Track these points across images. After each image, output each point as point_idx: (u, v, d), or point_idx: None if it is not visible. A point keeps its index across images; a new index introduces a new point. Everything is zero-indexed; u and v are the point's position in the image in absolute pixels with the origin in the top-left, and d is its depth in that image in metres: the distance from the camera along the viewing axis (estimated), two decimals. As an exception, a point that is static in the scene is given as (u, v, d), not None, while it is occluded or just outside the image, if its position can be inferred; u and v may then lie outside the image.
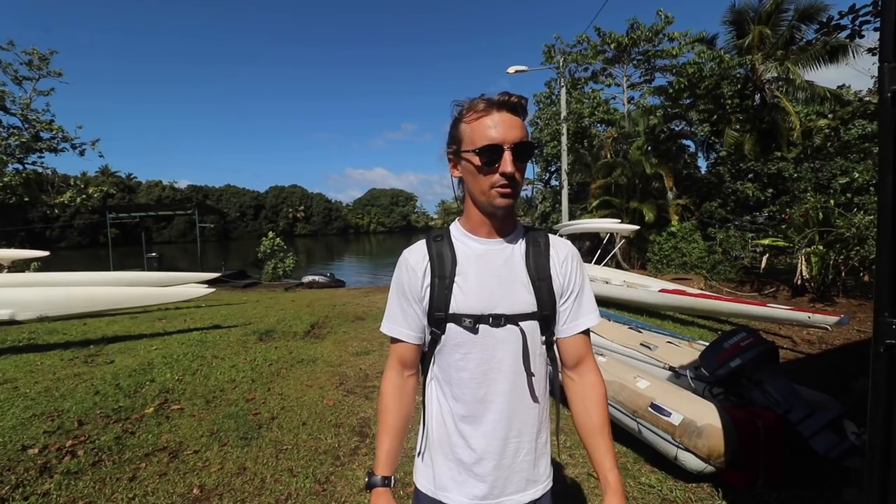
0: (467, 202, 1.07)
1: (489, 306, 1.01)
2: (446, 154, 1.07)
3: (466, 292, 1.02)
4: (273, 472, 2.82)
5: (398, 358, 1.12)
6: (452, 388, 1.07)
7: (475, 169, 0.98)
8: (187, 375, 4.66)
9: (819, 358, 4.94)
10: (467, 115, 0.99)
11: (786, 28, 12.68)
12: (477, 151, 0.96)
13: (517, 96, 0.98)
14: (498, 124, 0.96)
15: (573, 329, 1.08)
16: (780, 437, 2.50)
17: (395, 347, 1.12)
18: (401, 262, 1.09)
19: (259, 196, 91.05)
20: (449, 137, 1.05)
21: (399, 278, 1.09)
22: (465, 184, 1.05)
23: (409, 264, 1.07)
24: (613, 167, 14.31)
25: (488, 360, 1.03)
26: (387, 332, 1.11)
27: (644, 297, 7.07)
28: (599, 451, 1.07)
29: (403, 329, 1.09)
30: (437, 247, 1.06)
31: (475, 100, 1.00)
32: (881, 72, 1.00)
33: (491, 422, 1.04)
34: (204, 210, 21.09)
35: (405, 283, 1.07)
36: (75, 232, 60.03)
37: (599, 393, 1.09)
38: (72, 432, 3.35)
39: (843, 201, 8.60)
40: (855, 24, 4.76)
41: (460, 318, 1.02)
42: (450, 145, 1.05)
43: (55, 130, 17.22)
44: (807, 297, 7.92)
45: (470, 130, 0.99)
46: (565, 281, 1.07)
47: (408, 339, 1.09)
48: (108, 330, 6.86)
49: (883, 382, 1.02)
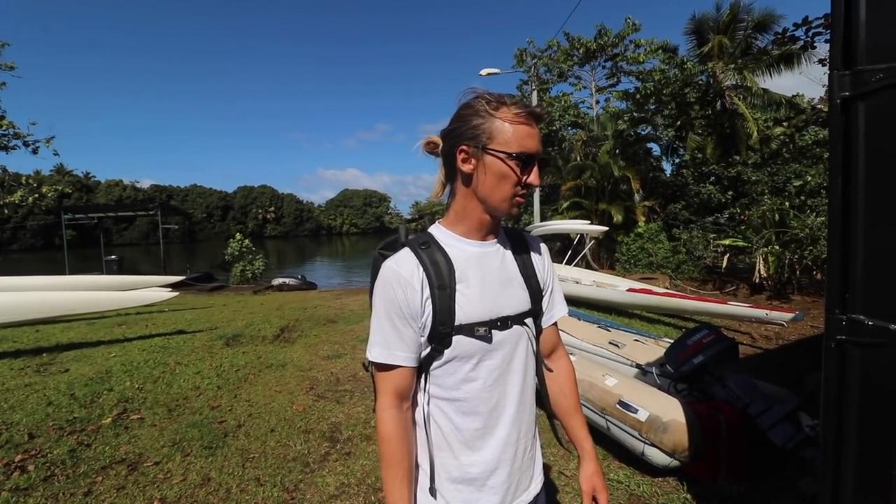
0: (464, 202, 0.99)
1: (495, 310, 0.99)
2: (457, 140, 0.95)
3: (471, 299, 0.96)
4: (239, 482, 2.73)
5: (395, 389, 0.97)
6: (461, 404, 0.99)
7: (504, 172, 0.93)
8: (148, 383, 4.47)
9: (776, 353, 5.17)
10: (501, 111, 0.93)
11: (742, 38, 13.25)
12: (514, 156, 0.92)
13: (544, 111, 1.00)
14: (534, 135, 0.95)
15: (550, 320, 1.14)
16: (740, 430, 2.59)
17: (390, 377, 0.96)
18: (389, 278, 0.94)
19: (227, 196, 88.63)
20: (468, 126, 0.94)
21: (391, 296, 0.94)
22: (474, 182, 0.96)
23: (403, 278, 0.93)
24: (583, 169, 14.61)
25: (500, 366, 1.01)
26: (383, 360, 0.95)
27: (613, 296, 7.23)
28: (577, 427, 1.16)
29: (402, 353, 0.95)
30: (427, 255, 0.96)
31: (509, 97, 0.95)
32: (831, 80, 1.05)
33: (506, 427, 1.02)
34: (167, 210, 20.37)
35: (401, 300, 0.93)
36: (28, 233, 57.06)
37: (572, 377, 1.19)
38: (21, 446, 3.16)
39: (797, 203, 9.05)
40: (808, 36, 5.01)
41: (472, 327, 0.96)
42: (469, 136, 0.94)
43: (6, 126, 16.29)
44: (765, 295, 8.27)
45: (508, 131, 0.92)
46: (545, 276, 1.12)
47: (408, 363, 0.96)
48: (63, 337, 6.51)
49: (834, 376, 1.07)
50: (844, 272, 1.04)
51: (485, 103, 0.94)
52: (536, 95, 15.63)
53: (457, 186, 0.99)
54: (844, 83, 1.02)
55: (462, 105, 0.98)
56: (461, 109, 0.97)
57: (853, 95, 1.00)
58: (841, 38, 1.03)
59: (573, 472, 2.76)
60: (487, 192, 0.95)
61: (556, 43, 15.97)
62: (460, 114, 0.97)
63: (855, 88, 1.00)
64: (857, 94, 1.00)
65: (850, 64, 1.01)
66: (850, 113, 1.02)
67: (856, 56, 1.00)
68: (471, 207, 0.98)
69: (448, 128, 0.99)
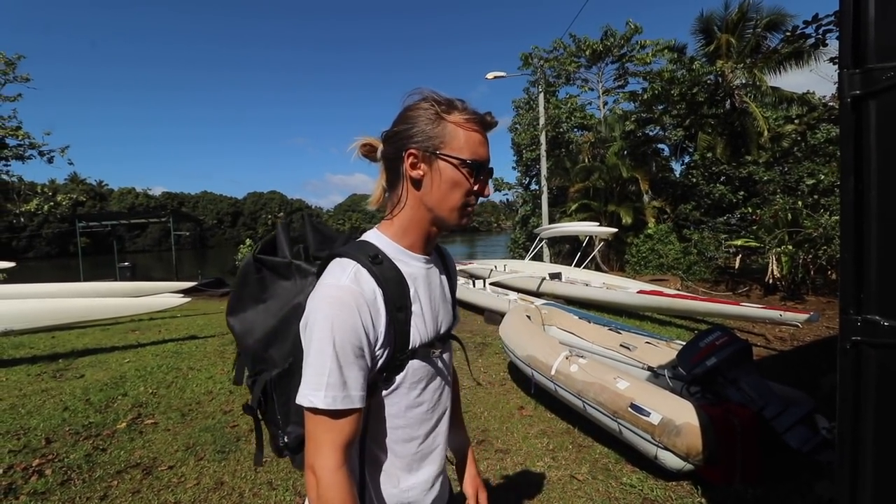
0: (411, 212, 0.89)
1: (437, 327, 0.94)
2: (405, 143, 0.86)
3: (423, 320, 0.89)
4: (252, 486, 2.75)
5: (346, 441, 0.79)
6: (404, 431, 0.91)
7: (456, 179, 0.85)
8: (161, 388, 4.52)
9: (791, 354, 5.09)
10: (453, 115, 0.86)
11: (751, 36, 13.13)
12: (468, 163, 0.85)
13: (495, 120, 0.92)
14: (485, 144, 0.89)
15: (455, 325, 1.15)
16: (755, 433, 2.55)
17: (340, 427, 0.78)
18: (347, 300, 0.77)
19: (237, 203, 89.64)
20: (417, 129, 0.85)
21: (351, 323, 0.77)
22: (423, 189, 0.87)
23: (365, 299, 0.78)
24: (591, 171, 14.55)
25: (440, 385, 0.97)
26: (337, 407, 0.77)
27: (623, 298, 7.18)
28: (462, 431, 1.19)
29: (358, 393, 0.79)
30: (381, 271, 0.82)
31: (459, 101, 0.88)
32: (841, 78, 1.04)
33: (442, 443, 1.00)
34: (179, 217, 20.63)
35: (366, 326, 0.78)
36: (43, 241, 58.03)
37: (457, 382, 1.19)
38: (39, 451, 3.22)
39: (810, 202, 8.92)
40: (818, 33, 4.96)
41: (426, 350, 0.89)
42: (419, 139, 0.85)
43: (21, 137, 16.64)
44: (778, 296, 8.16)
45: (461, 136, 0.85)
46: (453, 280, 1.09)
47: (363, 403, 0.81)
48: (78, 343, 6.61)
49: (850, 378, 1.05)
50: (858, 272, 1.03)
51: (436, 105, 0.86)
52: (543, 98, 15.62)
53: (401, 194, 0.89)
54: (854, 82, 1.01)
55: (409, 106, 0.88)
56: (408, 111, 0.88)
57: (863, 94, 0.99)
58: (850, 37, 1.02)
59: (585, 476, 2.74)
60: (437, 201, 0.87)
61: (563, 44, 15.95)
62: (407, 115, 0.87)
63: (865, 87, 0.99)
64: (868, 92, 0.99)
65: (860, 62, 1.00)
66: (860, 111, 1.01)
67: (866, 54, 0.99)
68: (418, 217, 0.89)
69: (392, 129, 0.89)
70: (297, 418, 0.91)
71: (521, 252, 16.69)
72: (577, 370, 3.14)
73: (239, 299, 1.02)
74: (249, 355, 0.99)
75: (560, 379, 3.24)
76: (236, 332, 1.01)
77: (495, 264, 10.80)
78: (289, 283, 0.98)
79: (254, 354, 0.98)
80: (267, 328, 0.96)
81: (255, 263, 1.00)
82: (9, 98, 16.44)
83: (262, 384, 0.96)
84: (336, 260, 0.84)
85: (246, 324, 0.99)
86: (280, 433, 0.96)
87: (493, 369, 4.83)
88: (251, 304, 1.00)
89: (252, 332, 0.98)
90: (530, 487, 2.66)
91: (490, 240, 67.80)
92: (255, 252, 1.02)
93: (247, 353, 1.00)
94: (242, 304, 1.01)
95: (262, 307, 0.99)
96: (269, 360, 0.96)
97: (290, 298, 0.96)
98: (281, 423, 0.96)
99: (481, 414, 3.72)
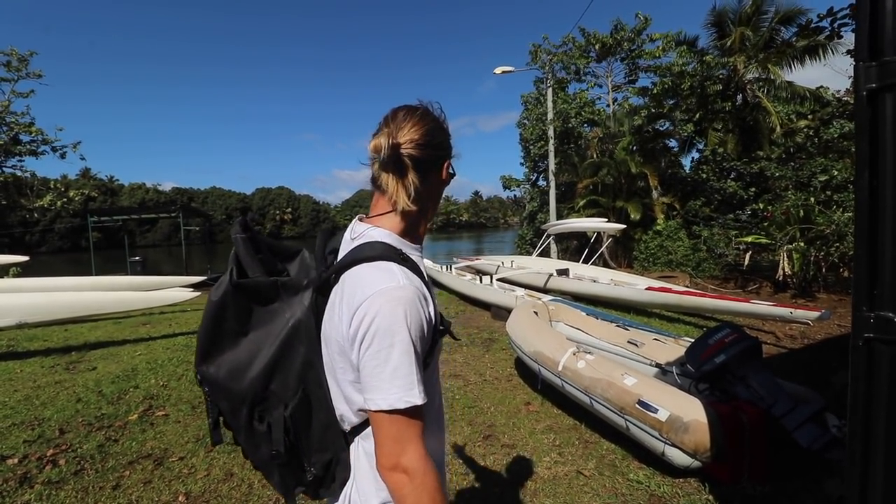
0: (420, 213, 0.97)
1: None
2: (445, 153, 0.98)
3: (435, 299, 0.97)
4: (260, 478, 2.78)
5: (423, 429, 0.82)
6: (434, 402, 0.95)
7: (445, 182, 1.01)
8: (172, 381, 4.58)
9: (801, 352, 5.04)
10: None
11: (766, 30, 12.92)
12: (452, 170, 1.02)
13: None
14: None
15: None
16: (764, 431, 2.54)
17: (420, 417, 0.81)
18: (411, 299, 0.80)
19: (245, 198, 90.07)
20: (447, 140, 0.99)
21: (418, 320, 0.81)
22: (437, 193, 1.00)
23: (422, 293, 0.84)
24: (599, 167, 14.43)
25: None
26: (424, 401, 0.80)
27: (631, 294, 7.14)
28: None
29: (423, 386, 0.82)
30: (411, 267, 0.88)
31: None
32: (856, 71, 1.02)
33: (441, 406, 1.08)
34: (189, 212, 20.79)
35: (425, 321, 0.83)
36: (56, 236, 58.77)
37: None
38: (53, 441, 3.28)
39: (822, 199, 8.79)
40: (833, 26, 4.87)
41: (447, 325, 0.95)
42: (449, 149, 1.00)
43: (35, 133, 16.86)
44: (789, 293, 8.07)
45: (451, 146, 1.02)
46: None
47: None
48: (91, 336, 6.71)
49: (862, 375, 1.04)
50: (872, 268, 1.02)
51: (444, 122, 0.99)
52: (552, 93, 15.50)
53: (424, 193, 0.94)
54: (871, 74, 0.99)
55: (439, 118, 0.98)
56: (441, 122, 0.98)
57: (880, 87, 0.98)
58: (867, 29, 1.00)
59: (591, 472, 2.74)
60: (437, 204, 1.02)
61: (572, 38, 15.81)
62: (442, 126, 0.98)
63: (882, 80, 0.97)
64: (884, 85, 0.97)
65: (877, 55, 0.98)
66: (876, 105, 0.99)
67: (882, 47, 0.97)
68: (426, 215, 0.99)
69: (429, 137, 0.92)
70: (322, 444, 0.90)
71: (529, 248, 16.64)
72: (584, 366, 3.14)
73: (214, 340, 0.91)
74: (247, 400, 0.89)
75: (567, 375, 3.23)
76: (219, 379, 0.90)
77: (502, 260, 10.78)
78: (276, 304, 0.92)
79: (253, 396, 0.89)
80: (266, 360, 0.88)
81: (237, 292, 0.90)
82: (22, 94, 16.67)
83: (280, 425, 0.88)
84: (370, 265, 0.84)
85: (233, 365, 0.89)
86: (308, 468, 0.92)
87: (499, 365, 4.84)
88: (230, 341, 0.91)
89: (244, 371, 0.89)
90: (536, 483, 2.67)
91: (497, 236, 67.66)
92: (232, 278, 0.90)
93: (241, 398, 0.89)
94: (219, 345, 0.91)
95: (250, 338, 0.90)
96: (273, 395, 0.89)
97: (284, 320, 0.90)
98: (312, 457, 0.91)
99: (488, 409, 3.73)
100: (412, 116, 0.93)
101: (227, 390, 0.90)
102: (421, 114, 0.94)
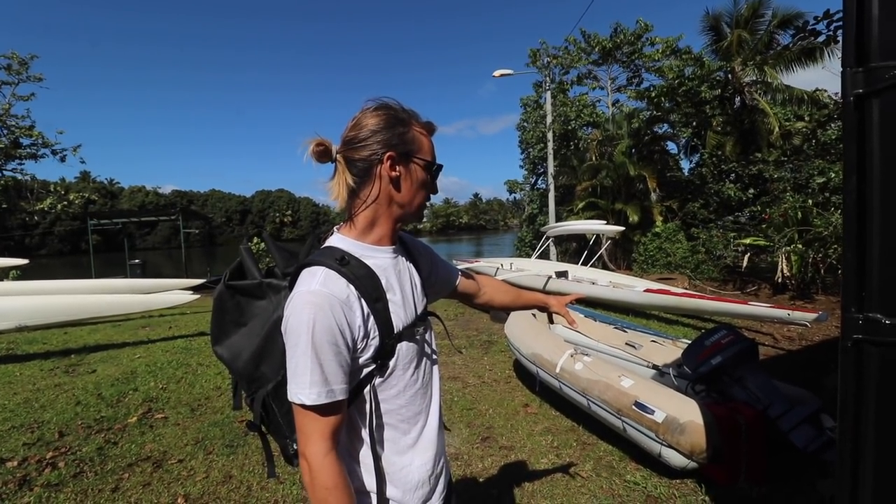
0: (377, 210, 0.96)
1: (415, 309, 1.03)
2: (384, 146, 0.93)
3: (400, 305, 0.97)
4: (260, 480, 2.79)
5: (333, 429, 0.87)
6: (406, 409, 0.99)
7: (424, 181, 0.99)
8: (171, 384, 4.59)
9: (799, 354, 5.05)
10: (414, 121, 0.98)
11: (764, 32, 12.97)
12: (432, 166, 1.00)
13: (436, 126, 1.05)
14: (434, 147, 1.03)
15: (453, 280, 1.30)
16: (760, 432, 2.55)
17: (326, 416, 0.86)
18: (321, 302, 0.84)
19: (245, 201, 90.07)
20: (393, 133, 0.94)
21: (326, 323, 0.83)
22: (395, 189, 0.96)
23: (339, 300, 0.85)
24: (598, 169, 14.48)
25: (428, 359, 1.06)
26: (324, 401, 0.84)
27: (629, 297, 7.15)
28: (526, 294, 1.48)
29: (340, 385, 0.86)
30: (350, 270, 0.90)
31: (414, 111, 1.00)
32: (844, 76, 1.04)
33: (437, 422, 1.07)
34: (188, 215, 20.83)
35: (340, 324, 0.85)
36: (56, 239, 58.70)
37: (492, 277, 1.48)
38: (52, 444, 3.29)
39: (820, 201, 8.82)
40: (830, 29, 4.90)
41: (411, 331, 0.97)
42: (395, 142, 0.94)
43: (35, 136, 16.90)
44: (787, 295, 8.08)
45: (423, 141, 0.99)
46: (422, 259, 1.16)
47: (346, 394, 0.88)
48: (90, 339, 6.72)
49: (851, 376, 1.06)
50: (860, 270, 1.03)
51: (402, 113, 0.97)
52: (551, 96, 15.56)
53: (368, 193, 0.95)
54: (858, 80, 1.01)
55: (378, 113, 0.95)
56: (378, 117, 0.95)
57: (866, 92, 0.99)
58: (853, 35, 1.02)
59: (589, 474, 2.75)
60: (407, 200, 0.98)
61: (573, 39, 15.87)
62: (379, 120, 0.94)
63: (868, 85, 0.99)
64: (871, 91, 0.99)
65: (864, 60, 1.00)
66: (863, 110, 1.01)
67: (869, 52, 0.99)
68: (386, 215, 0.98)
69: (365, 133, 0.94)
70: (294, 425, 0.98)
71: (528, 250, 16.66)
72: (581, 368, 3.15)
73: (221, 328, 1.06)
74: (244, 377, 1.04)
75: (565, 377, 3.25)
76: (225, 359, 1.05)
77: (502, 262, 10.79)
78: (264, 301, 1.03)
79: (247, 375, 1.03)
80: (254, 347, 1.01)
81: (228, 290, 1.05)
82: (22, 97, 16.72)
83: (260, 399, 1.01)
84: (305, 269, 0.91)
85: (233, 349, 1.04)
86: (288, 442, 1.02)
87: (498, 367, 4.85)
88: (233, 329, 1.05)
89: (240, 355, 1.03)
90: (534, 484, 2.68)
91: (497, 238, 67.70)
92: (224, 280, 1.07)
93: (240, 375, 1.05)
94: (225, 331, 1.06)
95: (245, 330, 1.04)
96: (262, 376, 1.01)
97: (269, 315, 1.01)
98: (287, 432, 1.01)
99: (486, 411, 3.74)
100: (353, 118, 0.98)
101: (232, 368, 1.06)
102: (361, 113, 0.97)
